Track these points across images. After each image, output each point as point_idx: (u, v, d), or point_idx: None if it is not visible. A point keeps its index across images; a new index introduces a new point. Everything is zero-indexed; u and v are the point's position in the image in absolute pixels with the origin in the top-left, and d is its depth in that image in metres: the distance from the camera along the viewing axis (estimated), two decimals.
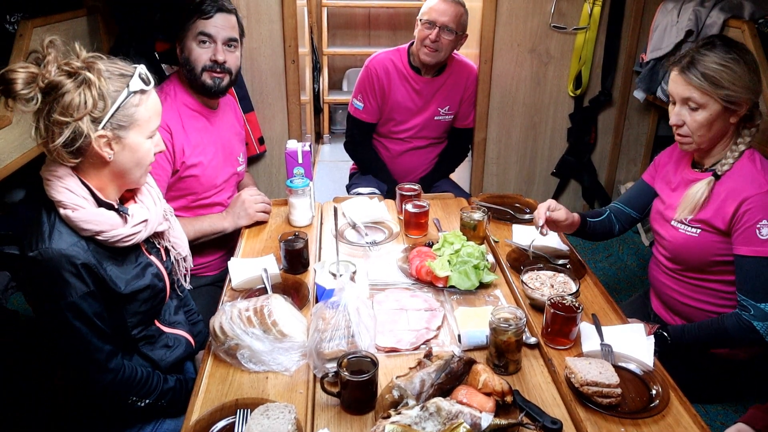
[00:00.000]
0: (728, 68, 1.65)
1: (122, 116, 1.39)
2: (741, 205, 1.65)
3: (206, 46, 2.11)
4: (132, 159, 1.45)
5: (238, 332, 1.49)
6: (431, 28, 2.66)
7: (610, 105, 3.32)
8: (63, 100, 1.32)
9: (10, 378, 2.01)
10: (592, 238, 2.11)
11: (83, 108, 1.33)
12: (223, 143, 2.26)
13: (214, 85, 2.15)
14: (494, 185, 3.46)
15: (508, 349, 1.46)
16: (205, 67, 2.12)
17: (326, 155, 5.19)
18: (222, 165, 2.25)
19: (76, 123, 1.32)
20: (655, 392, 1.42)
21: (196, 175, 2.15)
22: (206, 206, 2.23)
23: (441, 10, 2.66)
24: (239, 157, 2.37)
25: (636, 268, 2.89)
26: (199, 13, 2.09)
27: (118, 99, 1.37)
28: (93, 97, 1.33)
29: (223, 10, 2.12)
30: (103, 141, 1.38)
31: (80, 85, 1.33)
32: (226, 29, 2.14)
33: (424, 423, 1.22)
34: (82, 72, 1.33)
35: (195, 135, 2.14)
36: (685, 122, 1.73)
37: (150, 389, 1.52)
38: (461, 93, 2.91)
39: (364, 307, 1.54)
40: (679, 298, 1.89)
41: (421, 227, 2.15)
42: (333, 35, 5.43)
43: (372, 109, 2.88)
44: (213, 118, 2.24)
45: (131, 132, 1.42)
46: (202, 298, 1.99)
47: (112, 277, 1.43)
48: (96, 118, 1.35)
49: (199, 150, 2.15)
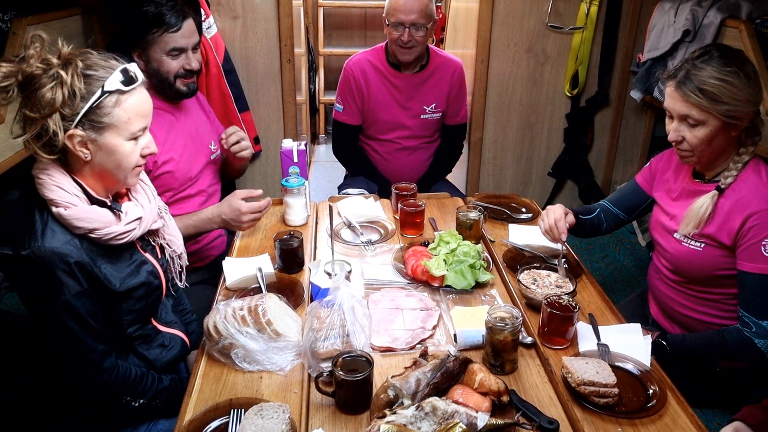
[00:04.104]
0: (727, 82, 1.57)
1: (96, 116, 1.35)
2: (747, 221, 1.61)
3: (177, 56, 2.06)
4: (111, 160, 1.41)
5: (233, 331, 1.48)
6: (400, 29, 2.60)
7: (606, 105, 3.33)
8: (35, 95, 1.30)
9: (3, 378, 1.99)
10: (580, 235, 2.09)
11: (51, 105, 1.30)
12: (191, 134, 2.22)
13: (189, 91, 2.14)
14: (490, 185, 3.46)
15: (504, 349, 1.46)
16: (178, 75, 2.08)
17: (322, 155, 5.18)
18: (194, 156, 2.21)
19: (44, 120, 1.30)
20: (652, 392, 1.41)
21: (170, 171, 2.11)
22: (186, 198, 2.20)
23: (406, 8, 2.58)
24: (211, 144, 2.31)
25: (632, 268, 2.89)
26: (165, 27, 2.00)
27: (91, 99, 1.34)
28: (63, 94, 1.30)
29: (186, 17, 2.05)
30: (76, 141, 1.35)
31: (53, 82, 1.30)
32: (193, 35, 2.09)
33: (420, 423, 1.21)
34: (57, 68, 1.31)
35: (162, 132, 2.09)
36: (684, 138, 1.67)
37: (144, 389, 1.51)
38: (447, 90, 2.83)
39: (360, 306, 1.53)
40: (680, 309, 1.86)
41: (417, 226, 2.14)
42: (329, 35, 5.43)
43: (352, 111, 2.84)
44: (177, 112, 2.20)
45: (107, 133, 1.38)
46: (195, 298, 1.98)
47: (106, 275, 1.42)
48: (66, 116, 1.32)
49: (168, 146, 2.11)
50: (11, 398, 1.94)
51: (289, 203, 2.16)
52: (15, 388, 1.96)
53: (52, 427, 1.77)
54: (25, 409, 1.91)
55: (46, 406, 1.81)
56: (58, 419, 1.61)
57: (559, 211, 1.88)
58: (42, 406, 1.86)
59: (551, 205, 1.93)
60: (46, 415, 1.72)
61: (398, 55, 2.70)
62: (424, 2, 2.59)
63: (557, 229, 1.84)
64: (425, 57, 2.78)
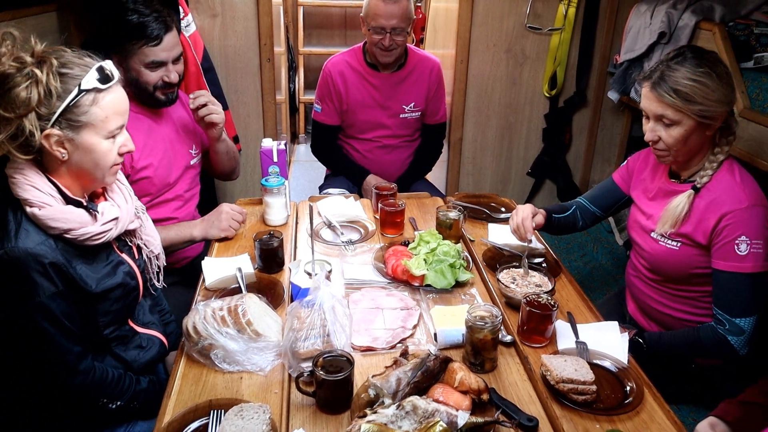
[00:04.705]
0: (700, 83, 1.60)
1: (73, 115, 1.33)
2: (721, 220, 1.64)
3: (157, 69, 2.01)
4: (88, 160, 1.39)
5: (212, 332, 1.46)
6: (381, 33, 2.59)
7: (584, 105, 3.36)
8: (9, 94, 1.27)
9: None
10: (554, 233, 2.11)
11: (27, 104, 1.28)
12: (171, 139, 2.18)
13: (168, 100, 2.10)
14: (470, 185, 3.48)
15: (484, 347, 1.46)
16: (157, 86, 2.04)
17: (302, 155, 5.16)
18: (173, 161, 2.17)
19: (19, 120, 1.28)
20: (629, 389, 1.43)
21: (148, 177, 2.08)
22: (164, 203, 2.18)
23: (387, 14, 2.55)
24: (191, 149, 2.27)
25: (610, 267, 2.91)
26: (145, 39, 1.94)
27: (68, 97, 1.32)
28: (39, 93, 1.28)
29: (168, 30, 1.99)
30: (53, 140, 1.33)
31: (27, 81, 1.28)
32: (174, 48, 2.03)
33: (401, 422, 1.21)
34: (31, 67, 1.28)
35: (141, 137, 2.04)
36: (660, 138, 1.70)
37: (122, 391, 1.49)
38: (426, 89, 2.83)
39: (340, 306, 1.53)
40: (657, 307, 1.89)
41: (397, 226, 2.14)
42: (309, 35, 5.41)
43: (330, 111, 2.84)
44: (157, 117, 2.16)
45: (84, 132, 1.36)
46: (174, 298, 1.95)
47: (82, 276, 1.40)
48: (42, 115, 1.30)
49: (147, 152, 2.07)
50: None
51: (268, 203, 2.14)
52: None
53: (29, 428, 1.74)
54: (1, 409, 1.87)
55: (23, 407, 1.78)
56: (35, 421, 1.58)
57: (527, 211, 1.91)
58: (18, 407, 1.82)
59: (521, 205, 1.96)
60: (23, 416, 1.69)
61: (378, 57, 2.70)
62: (404, 7, 2.59)
63: (523, 228, 1.88)
64: (403, 56, 2.79)
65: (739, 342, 1.65)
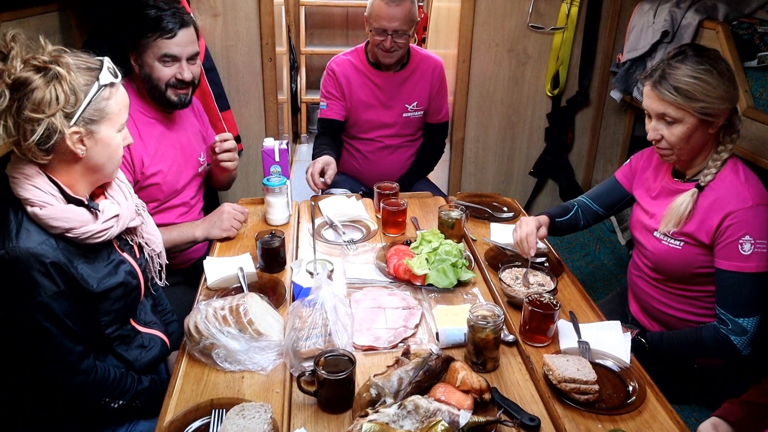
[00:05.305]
0: (701, 80, 1.60)
1: (94, 110, 1.36)
2: (725, 219, 1.63)
3: (170, 64, 2.02)
4: (104, 154, 1.43)
5: (214, 331, 1.46)
6: (383, 35, 2.59)
7: (587, 105, 3.35)
8: (33, 96, 1.29)
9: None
10: (557, 235, 2.11)
11: (55, 103, 1.30)
12: (183, 145, 2.19)
13: (180, 102, 2.09)
14: (472, 184, 3.47)
15: (486, 347, 1.46)
16: (170, 84, 2.04)
17: (304, 155, 5.15)
18: (183, 169, 2.18)
19: (49, 119, 1.29)
20: (631, 389, 1.43)
21: (157, 183, 2.08)
22: (169, 209, 2.18)
23: (390, 16, 2.55)
24: (200, 157, 2.28)
25: (613, 267, 2.91)
26: (160, 32, 1.96)
27: (90, 93, 1.35)
28: (65, 92, 1.31)
29: (185, 25, 2.01)
30: (76, 137, 1.35)
31: (51, 81, 1.30)
32: (189, 45, 2.04)
33: (402, 421, 1.21)
34: (51, 66, 1.30)
35: (153, 143, 2.06)
36: (663, 136, 1.69)
37: (123, 390, 1.50)
38: (429, 88, 2.83)
39: (342, 305, 1.52)
40: (660, 307, 1.88)
41: (399, 225, 2.14)
42: (311, 34, 5.41)
43: (337, 106, 2.82)
44: (170, 122, 2.17)
45: (102, 126, 1.39)
46: (177, 298, 1.95)
47: (83, 275, 1.40)
48: (68, 113, 1.32)
49: (158, 158, 2.08)
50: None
51: (270, 202, 2.14)
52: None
53: (31, 427, 1.74)
54: (2, 409, 1.87)
55: (24, 407, 1.78)
56: (37, 420, 1.58)
57: (531, 226, 1.88)
58: (20, 407, 1.82)
59: (525, 217, 1.95)
60: (24, 416, 1.69)
61: (380, 58, 2.70)
62: (407, 9, 2.58)
63: (527, 244, 1.85)
64: (406, 56, 2.79)
65: (742, 342, 1.64)
